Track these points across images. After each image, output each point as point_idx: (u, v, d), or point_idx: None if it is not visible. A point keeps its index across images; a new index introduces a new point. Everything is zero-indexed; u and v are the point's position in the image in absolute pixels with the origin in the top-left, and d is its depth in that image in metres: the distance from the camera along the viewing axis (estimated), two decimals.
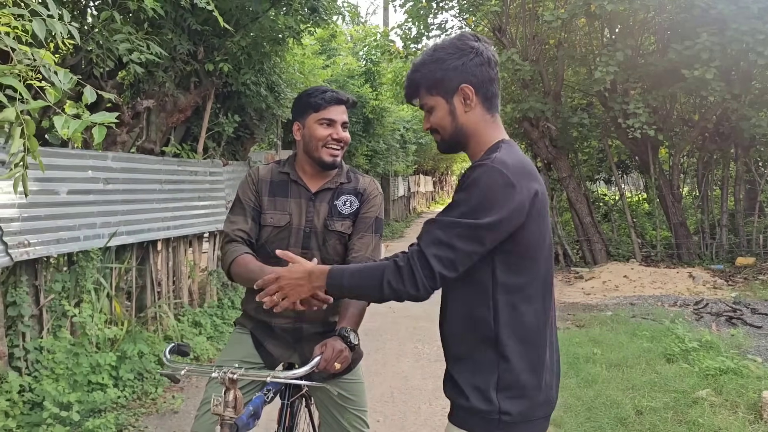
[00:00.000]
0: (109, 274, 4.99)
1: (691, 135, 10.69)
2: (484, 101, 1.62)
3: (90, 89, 2.35)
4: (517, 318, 1.54)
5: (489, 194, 1.47)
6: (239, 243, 2.18)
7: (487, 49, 1.63)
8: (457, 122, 1.64)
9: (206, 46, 5.84)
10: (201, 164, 6.34)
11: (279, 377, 1.78)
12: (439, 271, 1.47)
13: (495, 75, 1.63)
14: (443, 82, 1.62)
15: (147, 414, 4.26)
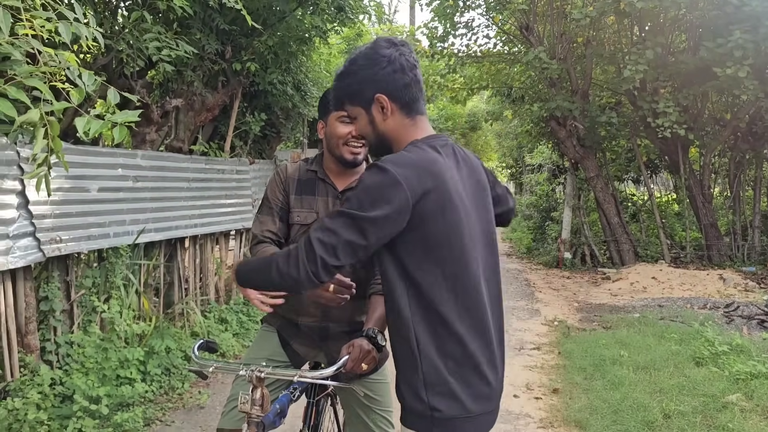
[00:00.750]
0: (138, 271, 5.07)
1: (723, 134, 10.47)
2: (402, 107, 1.66)
3: (113, 91, 2.39)
4: (430, 316, 1.56)
5: (374, 192, 1.50)
6: (267, 244, 2.19)
7: (402, 55, 1.65)
8: (377, 130, 1.70)
9: (234, 46, 5.90)
10: (228, 162, 6.41)
11: (306, 377, 1.79)
12: (320, 255, 1.50)
13: (411, 79, 1.65)
14: (359, 94, 1.69)
15: (174, 409, 4.32)
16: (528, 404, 4.53)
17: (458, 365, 1.56)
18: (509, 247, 14.90)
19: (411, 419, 1.61)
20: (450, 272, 1.56)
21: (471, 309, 1.59)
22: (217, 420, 4.14)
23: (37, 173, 2.28)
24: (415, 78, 1.67)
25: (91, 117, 2.20)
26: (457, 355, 1.56)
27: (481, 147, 30.44)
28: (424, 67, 12.89)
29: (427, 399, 1.55)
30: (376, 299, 2.09)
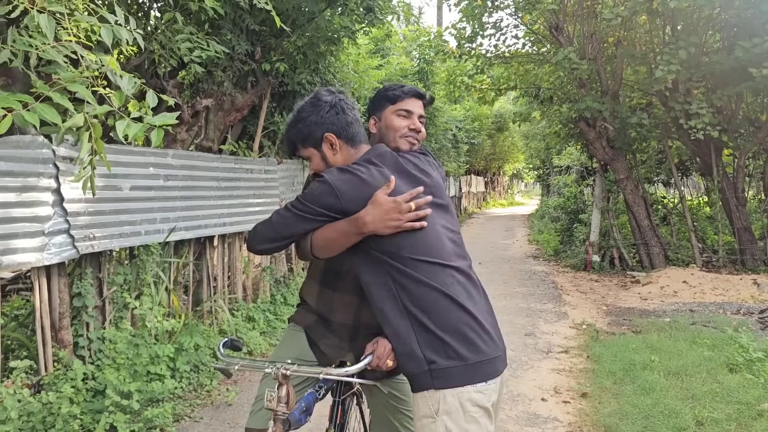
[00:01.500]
0: (168, 269, 5.14)
1: (758, 136, 10.22)
2: (347, 141, 2.01)
3: (152, 93, 2.43)
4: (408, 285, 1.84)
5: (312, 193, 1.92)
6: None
7: (341, 100, 2.01)
8: (329, 164, 2.01)
9: (263, 46, 5.95)
10: (256, 162, 6.46)
11: (332, 374, 1.80)
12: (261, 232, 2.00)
13: (353, 118, 2.01)
14: (310, 136, 2.00)
15: (202, 405, 4.37)
16: (556, 408, 4.48)
17: (444, 320, 1.80)
18: (536, 249, 14.76)
19: (414, 382, 1.82)
20: (411, 245, 1.85)
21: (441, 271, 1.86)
22: (244, 417, 4.18)
23: (83, 175, 2.33)
24: (355, 117, 2.02)
25: (130, 120, 2.23)
26: (440, 311, 1.80)
27: (507, 148, 30.26)
28: (451, 67, 12.84)
29: (423, 354, 1.78)
30: None
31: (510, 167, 38.66)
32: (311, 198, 1.88)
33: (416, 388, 1.82)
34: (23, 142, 3.60)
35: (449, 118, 16.51)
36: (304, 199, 1.89)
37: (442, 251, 1.89)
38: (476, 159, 26.50)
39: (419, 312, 1.80)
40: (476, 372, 1.77)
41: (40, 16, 2.17)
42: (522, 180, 50.78)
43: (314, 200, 1.88)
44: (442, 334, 1.77)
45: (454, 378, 1.75)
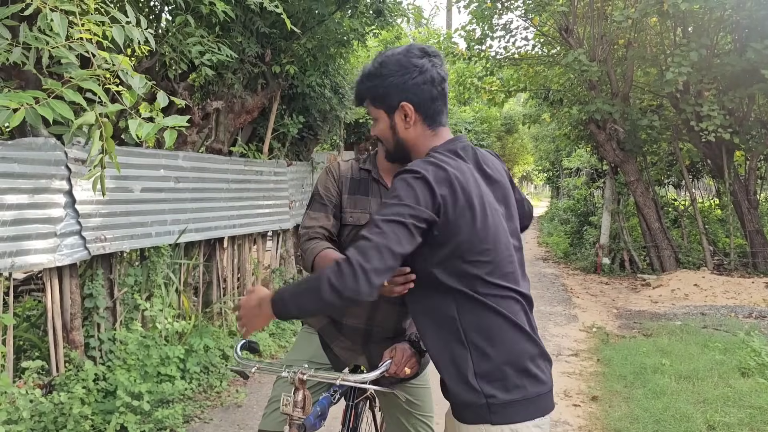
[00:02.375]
0: (178, 270, 5.16)
1: None
2: (425, 118, 1.70)
3: (162, 94, 2.44)
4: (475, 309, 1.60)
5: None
6: (319, 239, 2.10)
7: (434, 67, 1.67)
8: (397, 137, 1.74)
9: (273, 49, 5.97)
10: (266, 164, 6.48)
11: (348, 380, 1.79)
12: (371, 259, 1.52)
13: (439, 93, 1.68)
14: (385, 98, 1.71)
15: (212, 407, 4.38)
16: (566, 411, 4.46)
17: (508, 351, 1.60)
18: (545, 251, 14.71)
19: (465, 412, 1.63)
20: (489, 266, 1.60)
21: (510, 296, 1.64)
22: (254, 419, 4.19)
23: (93, 174, 2.35)
24: (442, 92, 1.69)
25: (142, 120, 2.25)
26: (506, 341, 1.60)
27: (517, 150, 30.15)
28: (461, 69, 12.83)
29: (480, 388, 1.57)
30: None
31: (519, 169, 38.54)
32: (414, 198, 1.52)
33: (468, 419, 1.63)
34: (36, 144, 3.63)
35: (458, 120, 16.49)
36: (406, 201, 1.52)
37: (514, 273, 1.67)
38: None
39: (483, 342, 1.60)
40: (537, 406, 1.62)
41: (53, 15, 2.18)
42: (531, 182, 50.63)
43: (424, 201, 1.53)
44: (504, 366, 1.59)
45: (514, 414, 1.59)
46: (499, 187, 1.72)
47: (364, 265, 1.46)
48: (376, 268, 1.47)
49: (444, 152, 1.65)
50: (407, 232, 1.50)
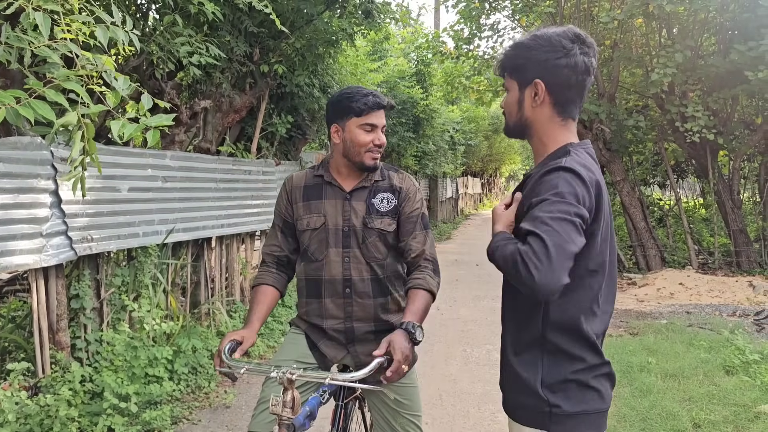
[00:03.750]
0: (166, 270, 5.13)
1: (753, 139, 10.27)
2: (556, 104, 1.60)
3: (147, 96, 2.42)
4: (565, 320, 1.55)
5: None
6: (267, 266, 2.30)
7: (583, 54, 1.57)
8: (522, 113, 1.65)
9: (262, 48, 5.94)
10: (254, 164, 6.46)
11: (337, 379, 1.79)
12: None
13: (577, 82, 1.57)
14: (521, 70, 1.63)
15: (200, 408, 4.36)
16: None
17: (583, 366, 1.56)
18: None
19: (522, 413, 1.61)
20: (597, 282, 1.55)
21: (602, 314, 1.60)
22: (242, 420, 4.18)
23: (74, 175, 2.33)
24: (581, 82, 1.59)
25: (126, 120, 2.23)
26: (585, 357, 1.56)
27: (504, 149, 30.30)
28: (449, 68, 12.86)
29: (546, 397, 1.55)
30: (414, 293, 2.08)
31: (506, 169, 38.71)
32: (575, 196, 1.45)
33: (524, 420, 1.61)
34: (21, 143, 3.59)
35: (446, 120, 16.52)
36: (569, 199, 1.44)
37: (613, 292, 1.63)
38: (473, 160, 26.54)
39: (559, 353, 1.56)
40: (596, 423, 1.59)
41: (36, 14, 2.16)
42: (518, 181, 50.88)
43: (583, 200, 1.46)
44: (572, 379, 1.56)
45: (573, 427, 1.56)
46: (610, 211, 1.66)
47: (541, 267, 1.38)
48: (555, 268, 1.37)
49: (586, 152, 1.59)
50: (577, 231, 1.42)
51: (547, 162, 1.59)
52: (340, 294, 2.19)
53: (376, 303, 2.19)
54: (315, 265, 2.21)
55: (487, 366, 5.47)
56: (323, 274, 2.20)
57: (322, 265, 2.20)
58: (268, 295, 2.23)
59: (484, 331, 6.51)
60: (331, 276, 2.19)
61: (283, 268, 2.32)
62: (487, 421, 4.27)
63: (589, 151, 1.61)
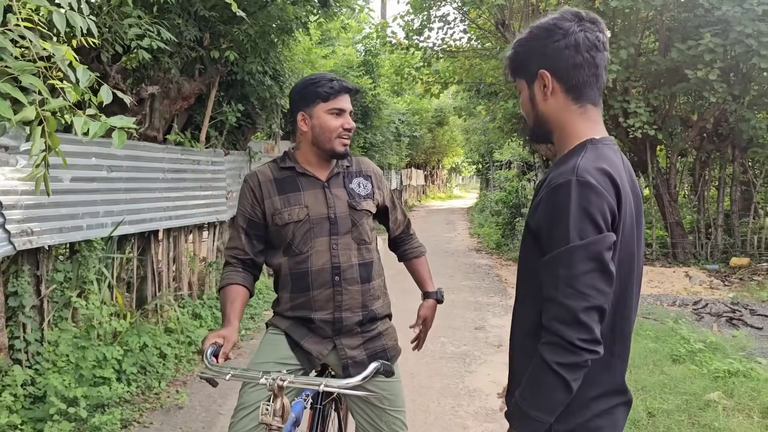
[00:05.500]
0: (111, 265, 4.87)
1: (690, 135, 10.69)
2: (568, 90, 1.47)
3: (107, 89, 2.24)
4: None
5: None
6: (233, 266, 2.19)
7: (583, 31, 1.44)
8: (537, 110, 1.53)
9: (212, 33, 5.71)
10: (203, 153, 6.22)
11: (332, 385, 1.70)
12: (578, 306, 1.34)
13: (586, 61, 1.44)
14: (525, 66, 1.53)
15: (151, 409, 4.16)
16: None
17: (598, 395, 1.44)
18: (477, 242, 14.96)
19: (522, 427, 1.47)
20: (616, 295, 1.43)
21: (625, 335, 1.49)
22: (196, 421, 4.01)
23: (35, 174, 2.13)
24: (591, 60, 1.44)
25: (88, 117, 2.05)
26: (600, 383, 1.44)
27: (447, 142, 30.58)
28: (399, 58, 12.81)
29: (552, 426, 1.41)
30: (421, 261, 2.51)
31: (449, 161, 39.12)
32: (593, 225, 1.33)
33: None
34: None
35: (392, 111, 16.49)
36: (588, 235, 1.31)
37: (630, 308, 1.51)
38: (417, 152, 26.66)
39: None
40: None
41: None
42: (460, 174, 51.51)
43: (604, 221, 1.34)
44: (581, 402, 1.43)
45: None
46: (640, 203, 1.51)
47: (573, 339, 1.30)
48: (590, 338, 1.31)
49: (608, 147, 1.45)
50: (603, 276, 1.32)
51: (559, 164, 1.46)
52: (329, 283, 2.12)
53: (363, 289, 2.16)
54: (300, 257, 2.13)
55: (443, 359, 5.46)
56: (310, 266, 2.12)
57: (307, 257, 2.12)
58: (240, 293, 2.12)
59: (437, 323, 6.46)
60: (319, 266, 2.12)
61: (249, 269, 2.22)
62: (447, 416, 4.25)
63: (612, 146, 1.48)
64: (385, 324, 2.28)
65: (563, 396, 1.33)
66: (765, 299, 7.99)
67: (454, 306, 7.60)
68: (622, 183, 1.39)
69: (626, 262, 1.44)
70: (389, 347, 2.25)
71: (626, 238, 1.42)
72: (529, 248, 1.48)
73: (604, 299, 1.32)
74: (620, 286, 1.43)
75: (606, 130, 1.55)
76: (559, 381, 1.32)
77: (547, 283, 1.36)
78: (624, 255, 1.43)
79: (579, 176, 1.34)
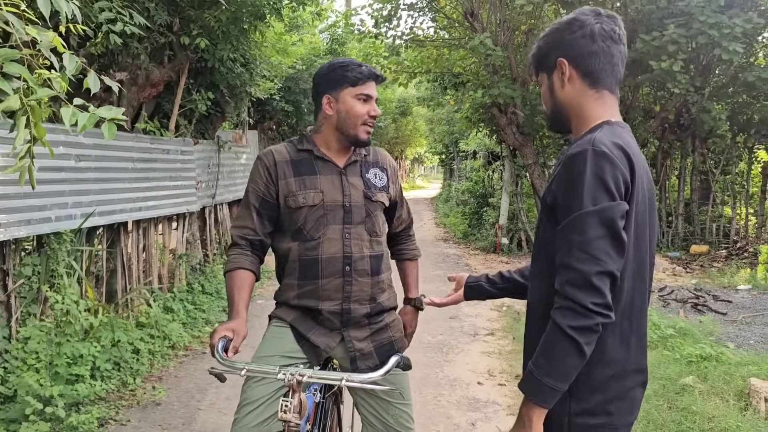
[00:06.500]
0: (80, 258, 4.69)
1: (652, 126, 10.90)
2: (585, 76, 1.53)
3: (94, 75, 2.13)
4: None
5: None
6: (240, 248, 2.10)
7: (599, 23, 1.51)
8: (555, 98, 1.59)
9: (182, 18, 5.52)
10: (173, 142, 6.04)
11: (354, 380, 1.64)
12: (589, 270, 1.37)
13: (601, 49, 1.51)
14: (545, 59, 1.60)
15: (128, 407, 4.03)
16: (493, 391, 4.54)
17: (611, 372, 1.45)
18: (444, 232, 15.04)
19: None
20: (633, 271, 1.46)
21: (642, 311, 1.51)
22: (176, 417, 3.91)
23: (20, 167, 2.01)
24: (606, 50, 1.51)
25: (76, 108, 1.93)
26: (612, 362, 1.45)
27: (410, 132, 30.58)
28: (366, 47, 12.70)
29: (570, 406, 1.44)
30: (412, 265, 2.45)
31: (411, 151, 39.17)
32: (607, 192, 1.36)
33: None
34: None
35: None
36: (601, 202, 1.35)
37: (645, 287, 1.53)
38: (380, 143, 26.57)
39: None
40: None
41: None
42: (422, 164, 51.69)
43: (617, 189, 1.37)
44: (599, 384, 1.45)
45: None
46: (653, 189, 1.56)
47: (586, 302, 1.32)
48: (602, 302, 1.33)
49: (623, 130, 1.49)
50: (615, 242, 1.35)
51: (575, 141, 1.50)
52: (339, 273, 2.05)
53: (372, 281, 2.11)
54: (311, 243, 2.05)
55: (421, 350, 5.45)
56: (321, 253, 2.05)
57: (319, 243, 2.05)
58: (247, 280, 2.04)
59: None
60: (330, 254, 2.05)
61: (257, 251, 2.13)
62: (430, 406, 4.24)
63: (627, 130, 1.53)
64: (392, 316, 2.24)
65: (576, 361, 1.35)
66: (726, 285, 8.24)
67: (428, 295, 7.59)
68: (636, 160, 1.43)
69: (641, 239, 1.47)
70: (396, 339, 2.21)
71: (640, 216, 1.45)
72: (545, 226, 1.51)
73: (616, 266, 1.35)
74: (636, 263, 1.46)
75: None
76: (572, 345, 1.33)
77: (561, 251, 1.39)
78: (640, 232, 1.46)
79: (595, 146, 1.38)
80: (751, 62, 9.86)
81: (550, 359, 1.36)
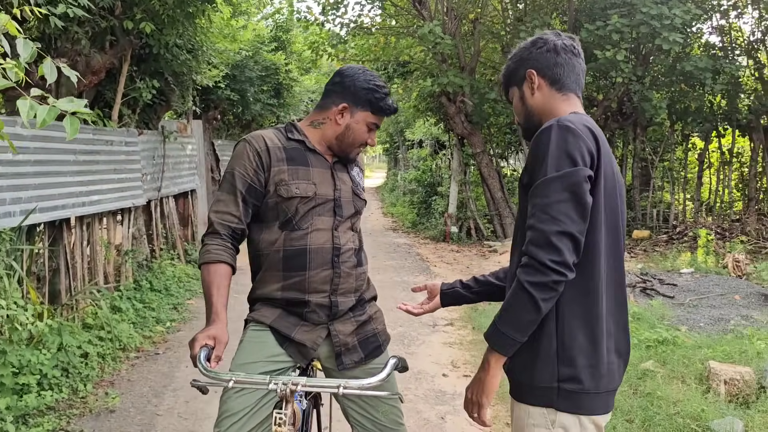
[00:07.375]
0: (20, 257, 4.38)
1: (595, 114, 11.14)
2: (552, 83, 1.70)
3: (50, 63, 1.94)
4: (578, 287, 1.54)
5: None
6: (221, 238, 1.95)
7: (561, 40, 1.70)
8: (527, 106, 1.74)
9: (125, 1, 5.22)
10: (117, 133, 5.73)
11: (352, 386, 1.54)
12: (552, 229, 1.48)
13: (564, 60, 1.69)
14: (515, 72, 1.76)
15: (80, 415, 3.78)
16: (459, 383, 4.51)
17: (595, 339, 1.54)
18: (392, 221, 15.01)
19: (531, 393, 1.57)
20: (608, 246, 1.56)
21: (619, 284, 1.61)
22: (131, 425, 3.71)
23: None
24: (568, 61, 1.69)
25: (33, 100, 1.74)
26: (595, 330, 1.54)
27: None
28: (315, 35, 12.46)
29: (558, 371, 1.52)
30: None
31: None
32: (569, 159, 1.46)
33: (530, 400, 1.58)
34: None
35: (302, 90, 16.08)
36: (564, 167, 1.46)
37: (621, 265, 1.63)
38: None
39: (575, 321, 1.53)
40: (605, 402, 1.57)
41: None
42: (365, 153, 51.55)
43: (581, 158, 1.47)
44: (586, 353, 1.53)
45: (582, 404, 1.53)
46: (619, 172, 1.67)
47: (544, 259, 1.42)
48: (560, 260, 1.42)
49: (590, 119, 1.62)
50: (577, 206, 1.45)
51: None
52: (328, 264, 1.97)
53: (357, 273, 2.07)
54: (298, 233, 1.95)
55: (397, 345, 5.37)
56: (308, 244, 1.96)
57: (306, 233, 1.96)
58: (227, 276, 1.91)
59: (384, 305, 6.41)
60: (319, 245, 1.97)
61: (236, 242, 2.00)
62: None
63: (592, 120, 1.65)
64: (373, 308, 2.18)
65: (532, 315, 1.45)
66: (669, 269, 8.52)
67: (382, 287, 7.49)
68: (601, 140, 1.55)
69: (611, 215, 1.58)
70: (379, 331, 2.15)
71: (609, 191, 1.56)
72: (523, 204, 1.60)
73: (577, 227, 1.45)
74: (611, 238, 1.58)
75: None
76: (529, 299, 1.43)
77: (529, 215, 1.50)
78: (609, 208, 1.56)
79: (560, 122, 1.52)
80: (687, 52, 10.19)
81: (510, 312, 1.48)
